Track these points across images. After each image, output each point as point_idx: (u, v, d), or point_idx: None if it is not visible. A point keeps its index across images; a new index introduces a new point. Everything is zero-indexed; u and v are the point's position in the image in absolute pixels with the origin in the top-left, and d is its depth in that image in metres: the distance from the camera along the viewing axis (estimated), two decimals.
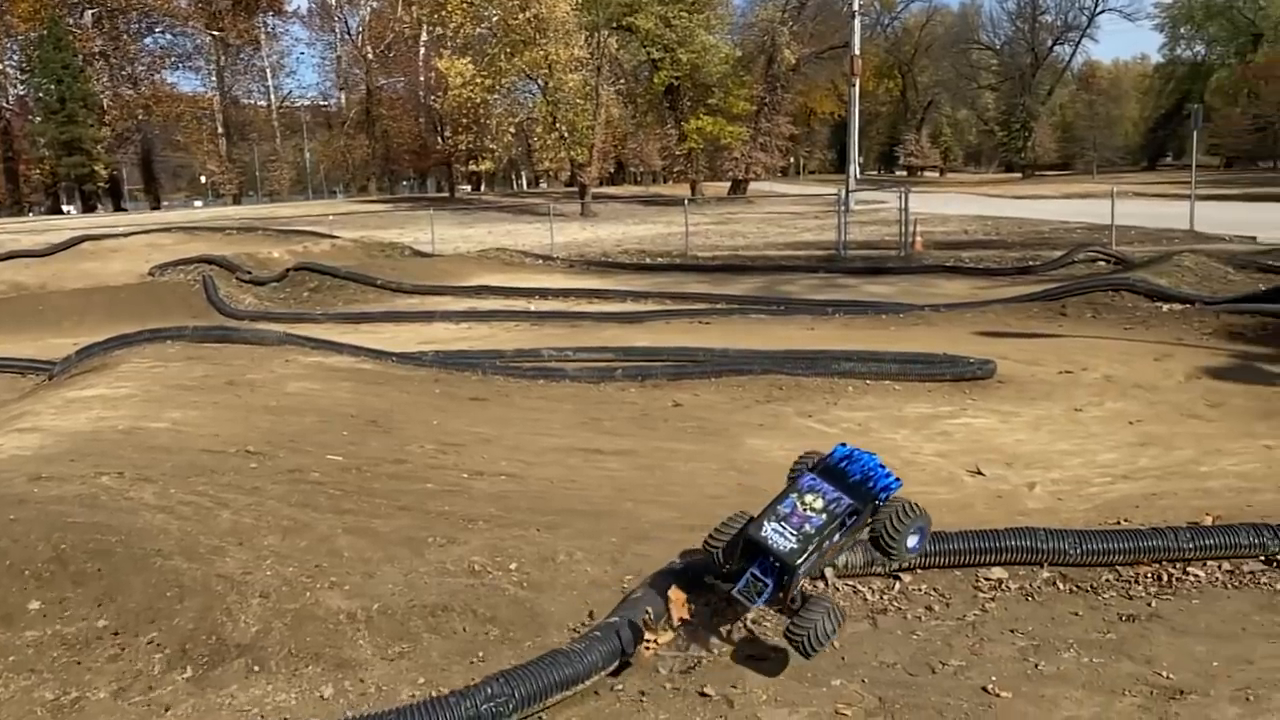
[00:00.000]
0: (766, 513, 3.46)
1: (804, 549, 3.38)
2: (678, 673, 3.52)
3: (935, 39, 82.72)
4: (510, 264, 22.09)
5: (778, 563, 3.38)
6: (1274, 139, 66.13)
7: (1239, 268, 14.20)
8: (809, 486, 3.53)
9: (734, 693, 3.38)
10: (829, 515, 3.44)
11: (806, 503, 3.49)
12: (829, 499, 3.48)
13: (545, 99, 45.33)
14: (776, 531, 3.40)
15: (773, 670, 3.57)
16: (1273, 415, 7.13)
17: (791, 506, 3.48)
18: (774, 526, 3.41)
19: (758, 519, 3.46)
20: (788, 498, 3.52)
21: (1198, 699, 3.29)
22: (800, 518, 3.44)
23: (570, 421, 7.20)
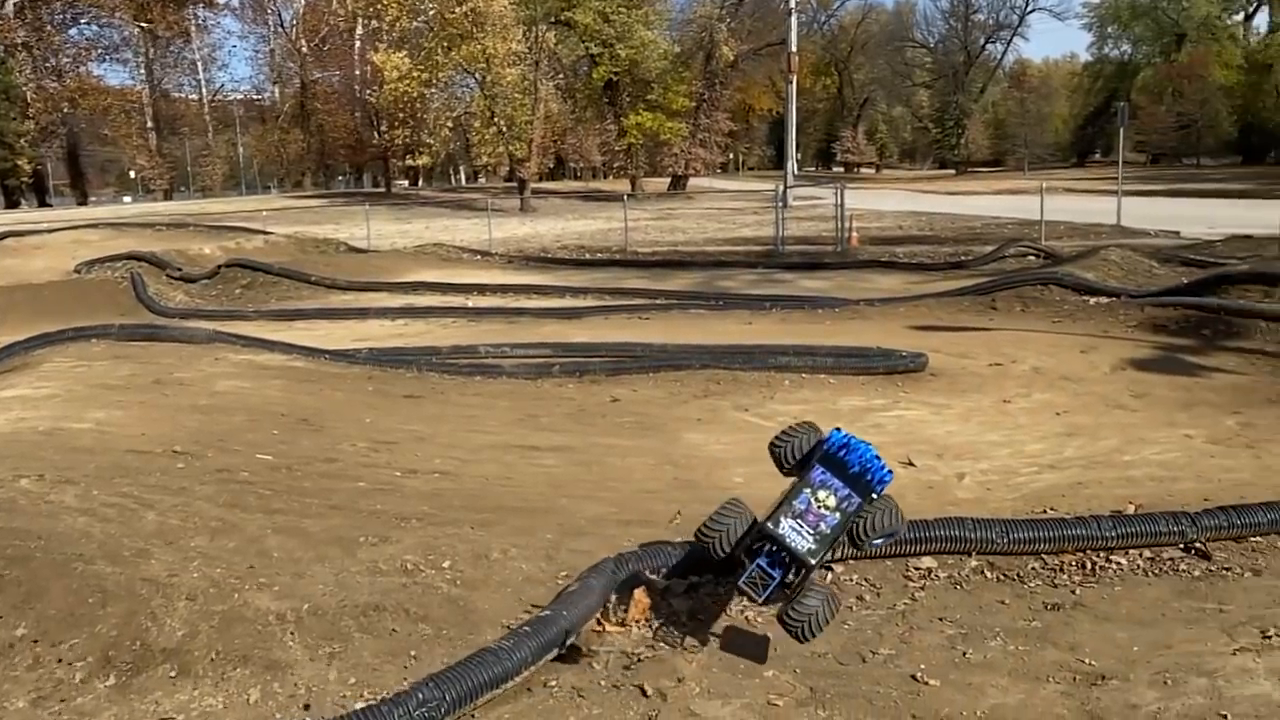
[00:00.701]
0: (782, 508, 3.43)
1: (820, 550, 3.43)
2: (620, 668, 3.53)
3: (871, 37, 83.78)
4: (448, 260, 21.90)
5: (791, 559, 3.39)
6: (1197, 136, 68.04)
7: (1163, 261, 14.59)
8: (820, 481, 3.52)
9: (668, 686, 3.39)
10: (842, 515, 3.48)
11: (820, 499, 3.49)
12: (840, 497, 3.50)
13: (483, 93, 45.03)
14: (794, 530, 3.40)
15: (758, 656, 3.61)
16: (1194, 405, 7.34)
17: (806, 503, 3.47)
18: (791, 524, 3.41)
19: (774, 514, 3.41)
20: (801, 493, 3.49)
21: (1118, 684, 3.37)
22: (816, 515, 3.45)
23: (507, 418, 7.16)
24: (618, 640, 3.71)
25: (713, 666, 3.54)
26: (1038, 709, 3.23)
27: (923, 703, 3.29)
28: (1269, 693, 3.26)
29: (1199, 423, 6.81)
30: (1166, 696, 3.27)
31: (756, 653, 3.61)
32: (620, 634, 3.77)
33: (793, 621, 3.36)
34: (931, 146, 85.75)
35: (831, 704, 3.29)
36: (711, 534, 3.60)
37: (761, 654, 3.59)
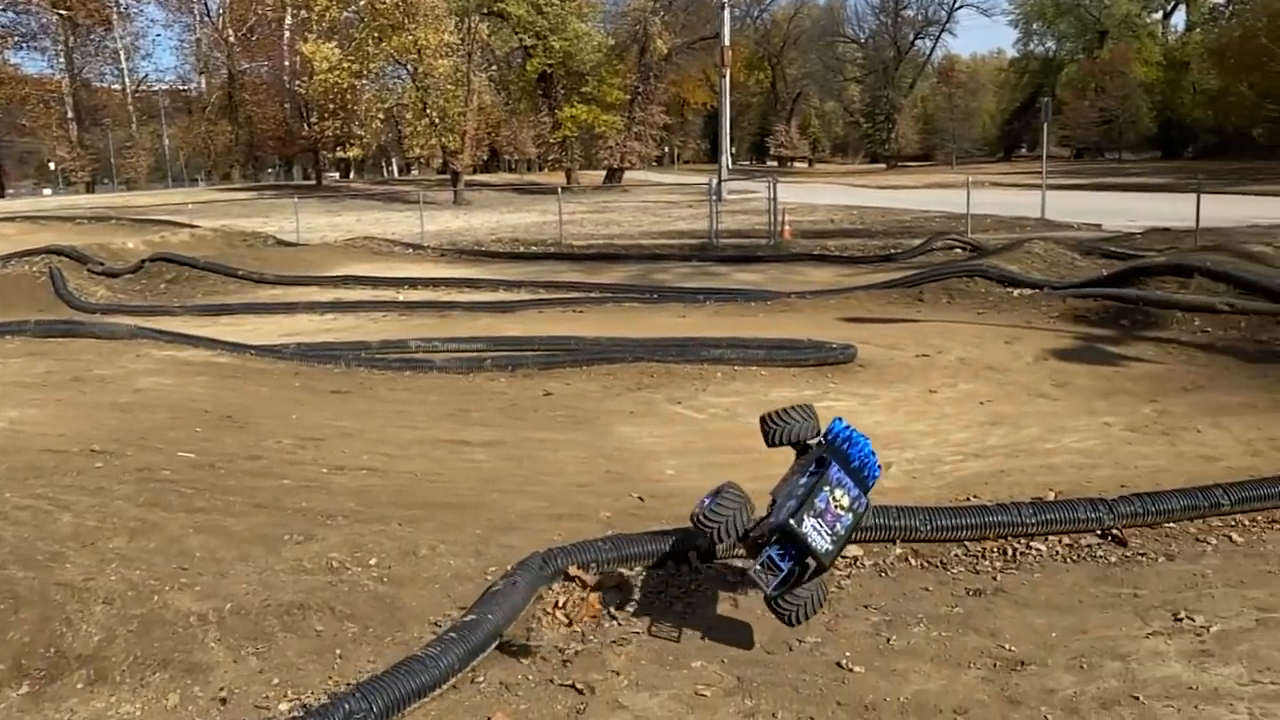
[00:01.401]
0: (804, 506, 3.43)
1: (835, 551, 3.50)
2: (549, 662, 3.52)
3: (803, 32, 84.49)
4: (379, 253, 21.61)
5: (808, 556, 3.42)
6: (1119, 131, 69.79)
7: (1085, 254, 14.93)
8: (837, 480, 3.56)
9: (596, 680, 3.40)
10: (853, 516, 3.55)
11: (836, 499, 3.53)
12: (853, 497, 3.56)
13: (415, 85, 44.45)
14: (815, 529, 3.42)
15: (744, 642, 3.64)
16: (1113, 394, 7.53)
17: (826, 502, 3.50)
18: (813, 524, 3.43)
19: (798, 513, 3.40)
20: (821, 492, 3.50)
21: (1036, 669, 3.45)
22: (833, 516, 3.49)
23: (437, 413, 7.10)
24: (547, 635, 3.70)
25: (642, 659, 3.55)
26: (959, 694, 3.29)
27: (848, 689, 3.33)
28: (1179, 674, 3.37)
29: (1117, 411, 6.99)
30: (1082, 680, 3.36)
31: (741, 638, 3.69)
32: (552, 629, 3.77)
33: (786, 608, 3.43)
34: (863, 141, 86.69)
35: (758, 693, 3.32)
36: (713, 522, 3.58)
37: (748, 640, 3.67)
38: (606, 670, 3.47)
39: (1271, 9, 48.15)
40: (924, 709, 3.21)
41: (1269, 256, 11.40)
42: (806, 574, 3.45)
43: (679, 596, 4.04)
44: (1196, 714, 3.12)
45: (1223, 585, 4.06)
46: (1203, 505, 4.68)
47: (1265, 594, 3.95)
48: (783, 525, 3.41)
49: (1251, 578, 4.12)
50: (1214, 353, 8.65)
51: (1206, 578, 4.14)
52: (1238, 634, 3.63)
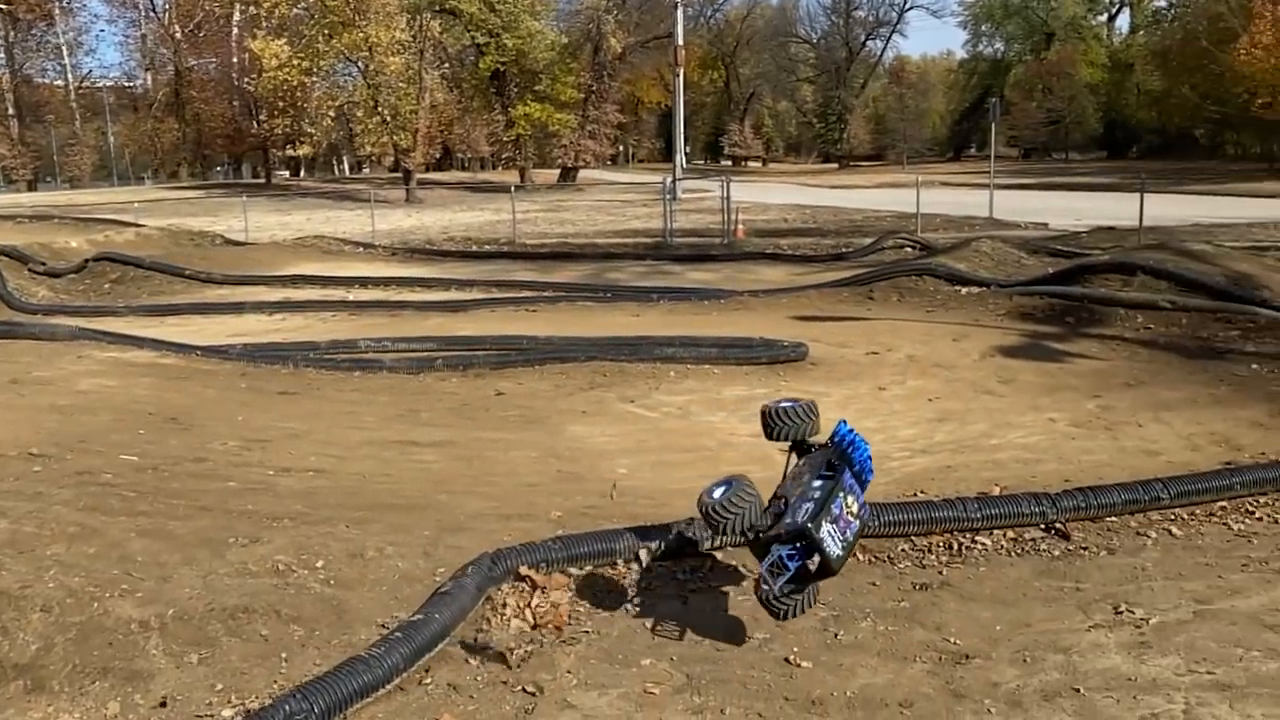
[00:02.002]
0: (823, 512, 3.45)
1: (845, 556, 3.53)
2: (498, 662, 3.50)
3: (756, 32, 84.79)
4: (329, 252, 21.36)
5: (818, 559, 3.45)
6: (1065, 132, 70.89)
7: (1031, 252, 15.15)
8: (849, 487, 3.61)
9: (545, 679, 3.39)
10: (860, 523, 3.61)
11: (848, 505, 3.57)
12: (860, 504, 3.62)
13: (366, 82, 44.00)
14: (830, 535, 3.45)
15: (693, 640, 3.65)
16: (1057, 390, 7.66)
17: (840, 508, 3.53)
18: (828, 529, 3.46)
19: (816, 518, 3.42)
20: (837, 498, 3.54)
21: (981, 662, 3.50)
22: (845, 522, 3.53)
23: (386, 414, 7.04)
24: (495, 635, 3.68)
25: (591, 658, 3.54)
26: (904, 688, 3.33)
27: (795, 685, 3.36)
28: (1119, 666, 3.43)
29: (1062, 407, 7.11)
30: (1025, 673, 3.41)
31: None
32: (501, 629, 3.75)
33: (781, 606, 3.47)
34: (815, 140, 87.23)
35: (707, 690, 3.33)
36: (728, 515, 3.54)
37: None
38: (556, 670, 3.46)
39: (1211, 12, 49.18)
40: (870, 703, 3.24)
41: (1210, 255, 11.64)
42: (811, 575, 3.50)
43: (629, 595, 4.04)
44: (1135, 705, 3.17)
45: (1162, 578, 4.14)
46: (1143, 499, 4.78)
47: (1202, 586, 4.04)
48: (802, 529, 3.42)
49: (1189, 570, 4.21)
50: (1156, 349, 8.82)
51: (1146, 571, 4.22)
52: (1176, 626, 3.70)
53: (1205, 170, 47.72)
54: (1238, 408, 6.86)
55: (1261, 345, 8.59)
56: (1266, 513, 4.81)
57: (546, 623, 3.74)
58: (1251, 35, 38.49)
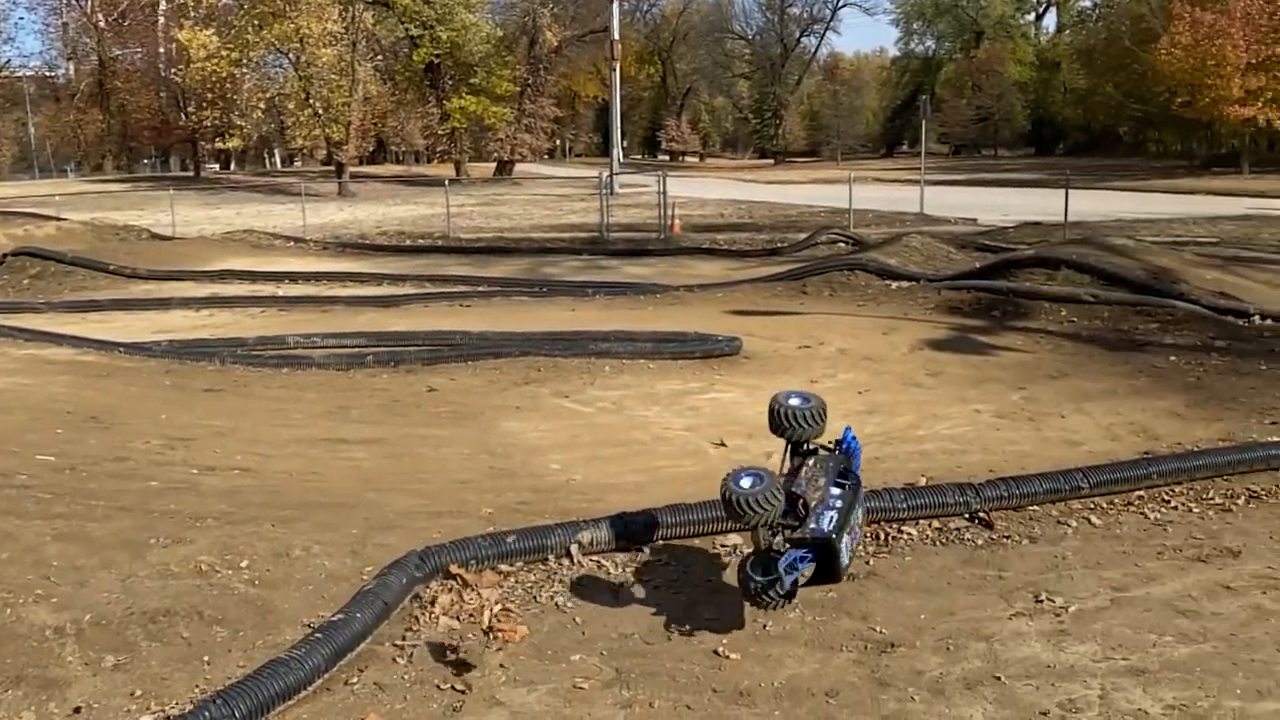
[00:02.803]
0: (845, 525, 3.54)
1: (848, 565, 3.65)
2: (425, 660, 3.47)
3: (692, 27, 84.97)
4: (259, 247, 20.98)
5: (829, 568, 3.54)
6: (995, 129, 72.26)
7: (960, 247, 15.44)
8: (862, 500, 3.73)
9: (473, 676, 3.36)
10: (860, 532, 3.75)
11: (858, 518, 3.70)
12: (862, 516, 3.75)
13: (298, 74, 43.31)
14: (846, 547, 3.56)
15: (623, 634, 3.64)
16: (983, 382, 7.81)
17: (856, 520, 3.64)
18: (846, 540, 3.56)
19: (840, 531, 3.49)
20: (855, 510, 3.63)
21: (905, 651, 3.55)
22: (855, 534, 3.66)
23: (315, 411, 6.93)
24: (424, 633, 3.65)
25: (520, 654, 3.53)
26: (831, 678, 3.37)
27: (724, 676, 3.38)
28: (1038, 654, 3.51)
29: (987, 398, 7.25)
30: (949, 661, 3.47)
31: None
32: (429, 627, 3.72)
33: (770, 599, 3.52)
34: (752, 136, 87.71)
35: (636, 684, 3.33)
36: (757, 512, 3.44)
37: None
38: (485, 667, 3.43)
39: (1134, 13, 50.48)
40: (796, 693, 3.27)
41: (1131, 249, 11.95)
42: (811, 579, 3.58)
43: (561, 590, 4.03)
44: (1054, 691, 3.25)
45: (1081, 566, 4.24)
46: (1064, 489, 4.89)
47: (1119, 574, 4.15)
48: (828, 540, 3.49)
49: (1108, 559, 4.31)
50: (1079, 341, 9.04)
51: (1066, 559, 4.32)
52: (1093, 613, 3.79)
53: (1128, 167, 49.04)
54: (1156, 398, 7.06)
55: (1179, 338, 8.85)
56: (1181, 501, 4.95)
57: (478, 622, 3.71)
58: (1171, 36, 39.58)
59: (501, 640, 3.46)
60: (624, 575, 4.20)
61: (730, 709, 3.18)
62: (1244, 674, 3.30)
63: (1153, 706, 3.13)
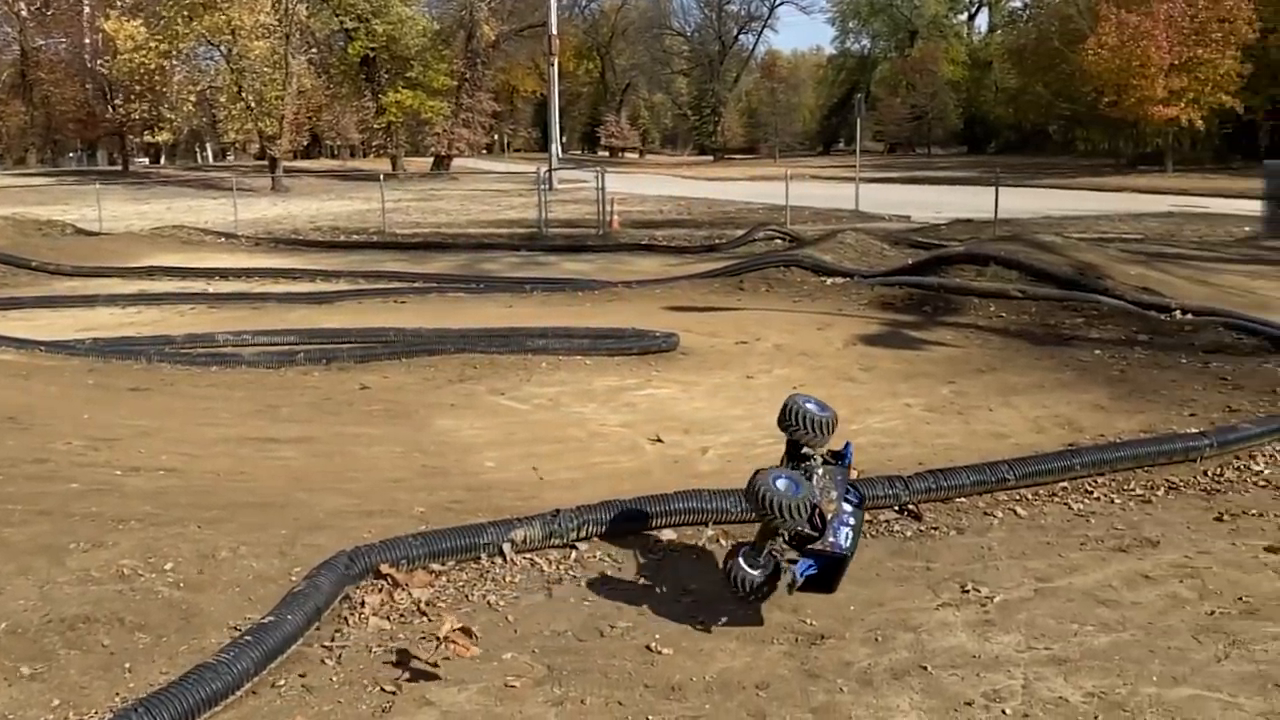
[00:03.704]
0: (857, 535, 3.74)
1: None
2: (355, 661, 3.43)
3: (630, 23, 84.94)
4: (189, 243, 20.52)
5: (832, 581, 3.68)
6: (928, 127, 73.44)
7: (894, 244, 15.65)
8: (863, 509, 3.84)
9: (403, 677, 3.33)
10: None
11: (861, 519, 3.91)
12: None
13: (230, 67, 42.47)
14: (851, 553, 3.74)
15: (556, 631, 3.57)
16: (914, 376, 7.93)
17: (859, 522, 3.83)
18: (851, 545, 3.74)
19: (850, 548, 3.66)
20: (861, 518, 3.85)
21: (835, 642, 3.60)
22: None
23: (244, 410, 6.80)
24: (353, 633, 3.61)
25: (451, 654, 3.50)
26: (762, 670, 3.40)
27: (656, 672, 3.39)
28: (964, 644, 3.57)
29: (918, 392, 7.37)
30: (877, 652, 3.52)
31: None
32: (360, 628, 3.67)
33: (760, 596, 3.65)
34: (691, 133, 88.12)
35: (568, 681, 3.33)
36: (791, 520, 3.49)
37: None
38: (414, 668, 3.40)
39: (1063, 14, 51.60)
40: (728, 686, 3.29)
41: (1058, 246, 12.22)
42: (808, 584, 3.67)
43: (493, 589, 4.01)
44: (978, 681, 3.31)
45: (1006, 557, 4.33)
46: (990, 480, 4.99)
47: (1044, 564, 4.24)
48: (845, 558, 3.66)
49: (1032, 549, 4.41)
50: (1007, 336, 9.22)
51: (992, 550, 4.41)
52: (1018, 603, 3.88)
53: (1057, 165, 50.18)
54: (1081, 391, 7.23)
55: (1104, 332, 9.07)
56: (1104, 493, 5.09)
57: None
58: (1098, 37, 40.52)
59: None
60: (558, 573, 4.19)
61: (661, 704, 3.19)
62: (1160, 661, 3.40)
63: (1073, 695, 3.20)
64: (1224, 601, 3.84)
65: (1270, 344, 8.13)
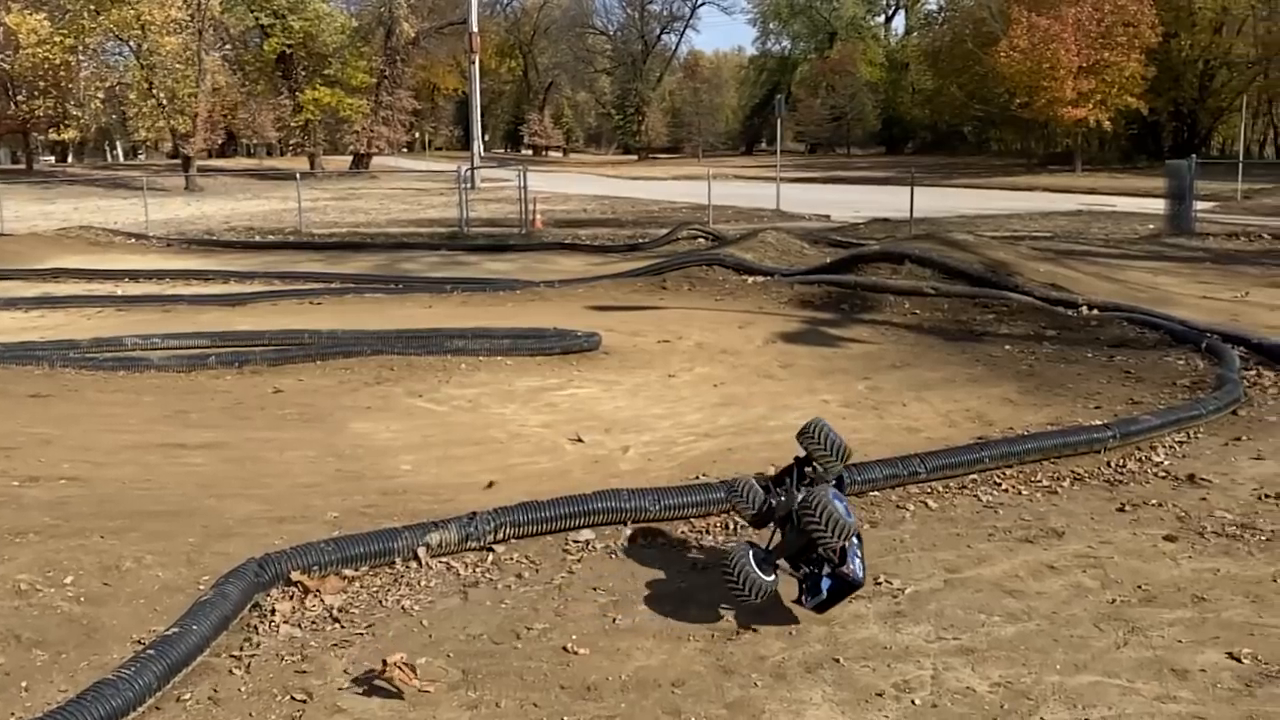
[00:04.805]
0: (864, 565, 3.79)
1: None
2: (263, 671, 3.36)
3: (553, 21, 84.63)
4: (98, 244, 19.90)
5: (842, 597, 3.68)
6: (847, 128, 74.56)
7: (813, 243, 15.87)
8: None
9: (314, 685, 3.28)
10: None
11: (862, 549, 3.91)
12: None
13: (140, 63, 41.26)
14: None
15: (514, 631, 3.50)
16: (832, 373, 8.05)
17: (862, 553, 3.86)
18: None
19: (862, 579, 3.70)
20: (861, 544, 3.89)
21: (750, 637, 3.63)
22: None
23: (152, 415, 6.62)
24: (263, 642, 3.54)
25: (364, 660, 3.45)
26: (678, 668, 3.41)
27: (572, 672, 3.38)
28: (876, 635, 3.63)
29: (835, 388, 7.48)
30: (791, 646, 3.56)
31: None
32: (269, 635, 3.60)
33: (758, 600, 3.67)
34: (615, 132, 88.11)
35: (483, 684, 3.30)
36: (834, 541, 3.57)
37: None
38: (326, 674, 3.35)
39: (976, 16, 52.85)
40: (644, 685, 3.30)
41: (971, 244, 12.50)
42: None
43: (408, 593, 3.97)
44: (889, 672, 3.37)
45: (918, 549, 4.41)
46: (903, 474, 5.09)
47: (953, 556, 4.33)
48: (858, 585, 3.71)
49: (942, 541, 4.50)
50: (921, 333, 9.41)
51: (904, 542, 4.49)
52: (928, 594, 3.95)
53: (971, 165, 51.39)
54: (991, 386, 7.41)
55: (1014, 327, 9.31)
56: (1012, 484, 5.21)
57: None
58: (1010, 39, 41.57)
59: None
60: (474, 575, 4.16)
61: (577, 704, 3.18)
62: (1064, 650, 3.49)
63: (980, 684, 3.28)
64: (1124, 590, 3.97)
65: (1171, 338, 8.42)
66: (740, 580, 3.61)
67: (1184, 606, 3.81)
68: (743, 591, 3.62)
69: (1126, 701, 3.15)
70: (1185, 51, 46.90)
